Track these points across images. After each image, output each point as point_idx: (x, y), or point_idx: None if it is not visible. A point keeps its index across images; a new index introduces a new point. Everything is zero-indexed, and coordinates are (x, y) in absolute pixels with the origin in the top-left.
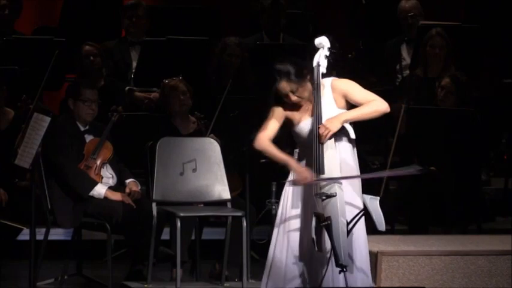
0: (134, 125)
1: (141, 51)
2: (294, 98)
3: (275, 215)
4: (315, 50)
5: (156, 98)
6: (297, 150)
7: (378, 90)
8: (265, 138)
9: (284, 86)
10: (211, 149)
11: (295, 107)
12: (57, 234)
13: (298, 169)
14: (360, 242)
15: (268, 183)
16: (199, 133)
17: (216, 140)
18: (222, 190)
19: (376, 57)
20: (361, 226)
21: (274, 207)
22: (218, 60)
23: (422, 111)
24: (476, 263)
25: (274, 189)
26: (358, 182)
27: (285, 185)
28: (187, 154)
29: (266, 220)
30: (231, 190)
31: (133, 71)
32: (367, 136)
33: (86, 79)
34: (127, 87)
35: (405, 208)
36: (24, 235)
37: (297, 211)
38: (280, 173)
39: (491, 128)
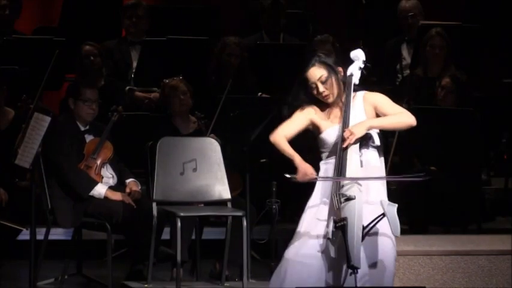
0: (134, 125)
1: (141, 51)
2: (321, 88)
3: (275, 214)
4: (350, 61)
5: (156, 98)
6: (322, 162)
7: (378, 90)
8: (281, 134)
9: (314, 71)
10: (212, 148)
11: (322, 108)
12: (58, 234)
13: (300, 165)
14: (386, 242)
15: (268, 183)
16: (200, 133)
17: (216, 140)
18: (222, 190)
19: (376, 57)
20: (386, 227)
21: (274, 207)
22: (218, 60)
23: (422, 111)
24: (476, 262)
25: (274, 189)
26: (383, 186)
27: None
28: (187, 154)
29: (266, 220)
30: (231, 190)
31: (134, 70)
32: None
33: (86, 79)
34: (127, 87)
35: (405, 208)
36: (24, 235)
37: (321, 209)
38: (279, 173)
39: (491, 128)
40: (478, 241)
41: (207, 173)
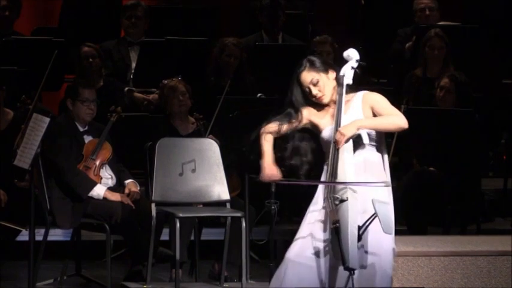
0: (133, 126)
1: (140, 52)
2: (314, 91)
3: (274, 215)
4: (343, 61)
5: (155, 100)
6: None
7: (378, 90)
8: (267, 130)
9: (305, 76)
10: (211, 149)
11: (320, 108)
12: (57, 234)
13: (264, 165)
14: (383, 239)
15: (267, 183)
16: (199, 133)
17: (215, 141)
18: (221, 191)
19: (375, 57)
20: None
21: (273, 207)
22: (217, 61)
23: (422, 111)
24: (475, 263)
25: (273, 190)
26: (386, 187)
27: (318, 187)
28: (186, 155)
29: (265, 221)
30: (230, 191)
31: (133, 71)
32: None
33: (84, 79)
34: (126, 88)
35: (405, 208)
36: (24, 236)
37: (322, 212)
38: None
39: (490, 128)
40: (477, 242)
41: (206, 173)
